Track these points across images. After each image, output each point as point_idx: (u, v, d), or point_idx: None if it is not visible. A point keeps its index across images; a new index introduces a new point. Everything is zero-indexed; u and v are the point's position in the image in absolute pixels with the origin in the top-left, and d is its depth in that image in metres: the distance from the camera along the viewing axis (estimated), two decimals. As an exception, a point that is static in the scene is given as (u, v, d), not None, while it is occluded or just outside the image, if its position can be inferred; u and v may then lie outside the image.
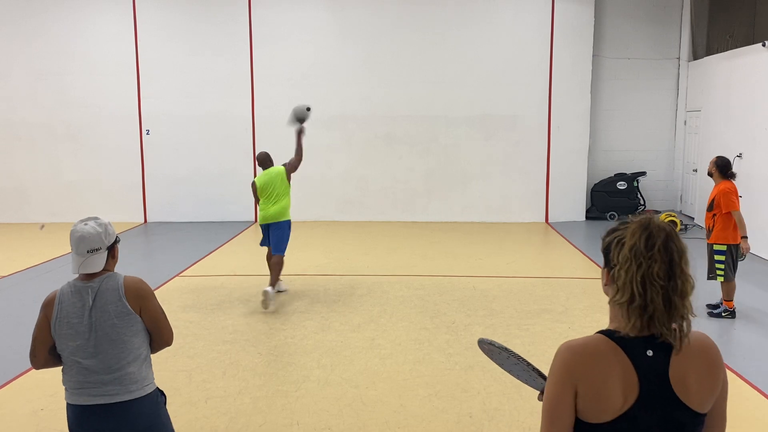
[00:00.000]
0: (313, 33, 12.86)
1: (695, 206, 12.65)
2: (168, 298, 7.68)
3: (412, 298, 7.56)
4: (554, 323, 6.64)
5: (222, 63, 12.85)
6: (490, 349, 2.18)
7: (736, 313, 6.88)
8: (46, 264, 9.50)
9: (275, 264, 7.52)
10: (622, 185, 13.07)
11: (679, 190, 13.79)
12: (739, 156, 10.48)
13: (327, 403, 4.81)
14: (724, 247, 6.70)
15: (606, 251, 1.79)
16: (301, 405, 4.78)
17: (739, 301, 7.50)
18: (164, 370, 5.47)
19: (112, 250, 3.14)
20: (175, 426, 4.49)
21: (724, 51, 11.68)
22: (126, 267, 10.02)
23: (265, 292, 7.05)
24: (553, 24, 12.64)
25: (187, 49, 12.83)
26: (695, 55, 13.24)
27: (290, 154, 8.22)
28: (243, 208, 13.14)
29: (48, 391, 5.05)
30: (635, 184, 13.10)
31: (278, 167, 7.80)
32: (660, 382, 1.64)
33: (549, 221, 13.05)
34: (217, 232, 11.89)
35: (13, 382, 5.27)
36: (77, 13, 12.78)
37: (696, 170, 12.65)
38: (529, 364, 2.05)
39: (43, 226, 6.65)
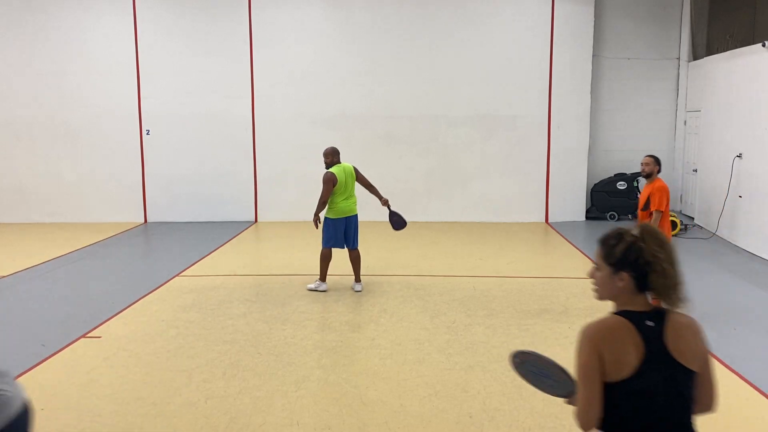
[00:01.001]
0: (313, 33, 12.86)
1: (695, 206, 12.66)
2: (168, 298, 7.69)
3: (412, 298, 7.56)
4: (554, 323, 6.64)
5: (222, 63, 12.85)
6: (522, 361, 2.46)
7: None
8: (46, 264, 9.50)
9: (358, 258, 8.05)
10: (622, 185, 13.06)
11: (679, 190, 13.79)
12: (739, 156, 10.49)
13: (327, 403, 4.81)
14: None
15: (610, 252, 2.27)
16: (301, 405, 4.78)
17: (739, 301, 7.51)
18: (164, 370, 5.47)
19: None
20: (175, 426, 4.51)
21: (724, 51, 11.68)
22: (126, 267, 10.07)
23: (357, 291, 7.82)
24: (553, 24, 12.64)
25: (187, 49, 12.83)
26: (695, 55, 13.24)
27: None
28: (243, 208, 13.15)
29: (48, 391, 5.05)
30: (635, 184, 13.09)
31: (347, 164, 8.38)
32: (659, 344, 2.15)
33: (549, 221, 13.05)
34: (217, 232, 11.89)
35: (13, 382, 5.26)
36: (77, 13, 12.78)
37: (696, 170, 12.66)
38: (558, 366, 2.37)
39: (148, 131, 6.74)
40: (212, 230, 12.10)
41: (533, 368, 2.44)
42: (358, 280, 8.01)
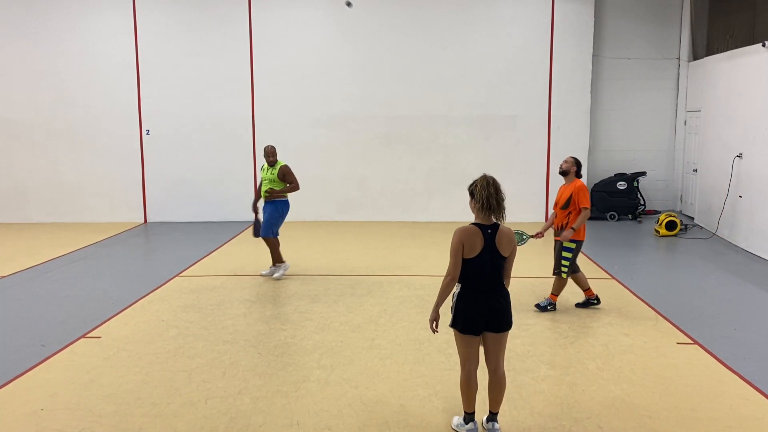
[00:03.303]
0: (313, 33, 12.86)
1: (695, 206, 12.65)
2: (168, 298, 7.69)
3: (412, 298, 7.56)
4: (554, 323, 6.64)
5: (222, 63, 12.85)
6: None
7: (556, 307, 7.08)
8: (46, 264, 9.50)
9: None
10: (622, 185, 13.06)
11: (679, 190, 13.79)
12: (739, 156, 10.48)
13: (327, 403, 4.81)
14: (573, 245, 6.81)
15: (471, 191, 4.14)
16: (301, 405, 4.78)
17: (739, 301, 7.51)
18: (164, 370, 5.47)
19: None
20: (175, 426, 4.51)
21: (724, 51, 11.69)
22: (126, 267, 10.05)
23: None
24: (553, 24, 12.64)
25: (187, 49, 12.84)
26: (695, 55, 13.25)
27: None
28: (243, 208, 13.13)
29: (48, 391, 5.05)
30: (635, 184, 13.10)
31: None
32: (491, 242, 4.08)
33: (549, 221, 13.04)
34: (217, 232, 11.89)
35: (13, 382, 5.26)
36: (77, 13, 12.78)
37: (696, 170, 12.66)
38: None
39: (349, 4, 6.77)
40: (212, 230, 12.10)
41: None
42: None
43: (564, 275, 6.89)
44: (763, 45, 9.73)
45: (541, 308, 7.03)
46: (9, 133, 13.04)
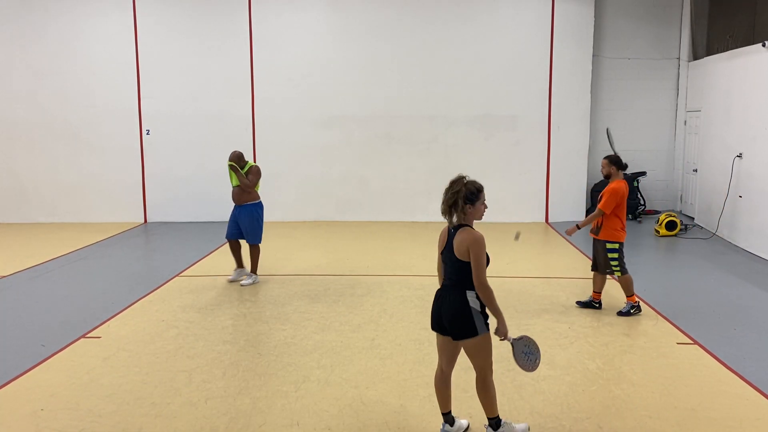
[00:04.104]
0: (313, 33, 12.86)
1: (695, 206, 12.66)
2: (168, 298, 7.69)
3: (412, 298, 7.56)
4: (554, 323, 6.64)
5: (222, 63, 12.85)
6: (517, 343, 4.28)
7: (641, 308, 6.98)
8: (46, 264, 9.50)
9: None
10: (622, 185, 13.05)
11: (679, 190, 13.80)
12: (739, 156, 10.48)
13: (327, 404, 4.81)
14: (616, 245, 6.80)
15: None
16: (301, 405, 4.78)
17: (739, 301, 7.51)
18: (164, 370, 5.47)
19: None
20: (175, 426, 4.51)
21: (724, 51, 11.69)
22: (126, 267, 10.04)
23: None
24: (553, 24, 12.64)
25: (187, 49, 12.84)
26: (695, 55, 13.25)
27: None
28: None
29: (48, 391, 5.05)
30: (635, 184, 13.09)
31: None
32: (450, 242, 4.06)
33: (549, 221, 13.05)
34: (217, 232, 11.87)
35: (13, 382, 5.26)
36: (77, 13, 12.78)
37: (696, 170, 12.66)
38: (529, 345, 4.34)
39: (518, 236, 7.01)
40: (212, 230, 12.09)
41: (524, 347, 4.28)
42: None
43: (617, 273, 6.81)
44: (763, 45, 9.74)
45: (624, 314, 6.88)
46: (9, 133, 13.04)
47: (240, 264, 8.46)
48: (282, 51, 12.83)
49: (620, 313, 6.91)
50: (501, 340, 4.12)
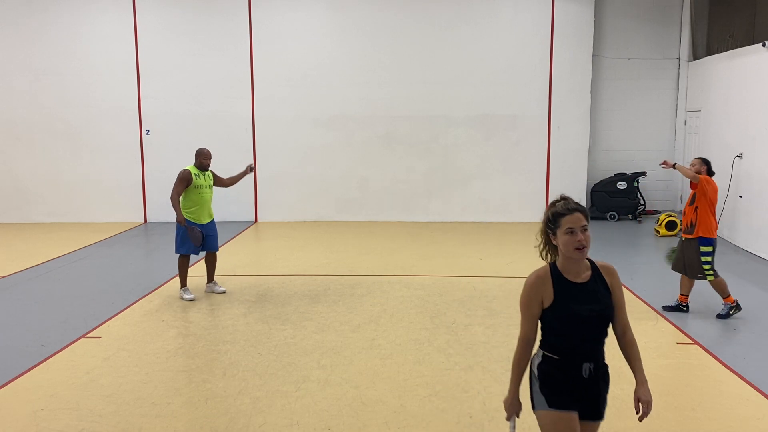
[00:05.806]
0: (313, 33, 12.86)
1: (695, 206, 12.64)
2: (168, 298, 7.69)
3: (412, 298, 7.56)
4: (554, 323, 6.63)
5: (222, 63, 12.85)
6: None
7: (740, 306, 6.85)
8: (46, 264, 9.50)
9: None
10: (622, 185, 13.06)
11: (679, 190, 13.79)
12: (739, 156, 10.48)
13: (327, 404, 4.81)
14: (710, 248, 6.63)
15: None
16: (301, 405, 4.78)
17: (739, 301, 7.50)
18: (164, 370, 5.47)
19: None
20: (175, 426, 4.51)
21: (724, 51, 11.68)
22: (126, 267, 10.03)
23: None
24: (553, 24, 12.64)
25: (187, 49, 12.83)
26: (695, 55, 13.25)
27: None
28: (243, 208, 13.15)
29: (48, 391, 5.05)
30: (635, 184, 13.10)
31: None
32: None
33: (549, 221, 13.03)
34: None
35: (13, 382, 5.26)
36: (77, 13, 12.78)
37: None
38: None
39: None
40: (212, 230, 12.08)
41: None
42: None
43: (710, 277, 6.64)
44: (763, 45, 9.73)
45: (723, 316, 6.78)
46: (9, 133, 13.04)
47: (209, 278, 8.05)
48: (282, 51, 12.82)
49: (719, 316, 6.78)
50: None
